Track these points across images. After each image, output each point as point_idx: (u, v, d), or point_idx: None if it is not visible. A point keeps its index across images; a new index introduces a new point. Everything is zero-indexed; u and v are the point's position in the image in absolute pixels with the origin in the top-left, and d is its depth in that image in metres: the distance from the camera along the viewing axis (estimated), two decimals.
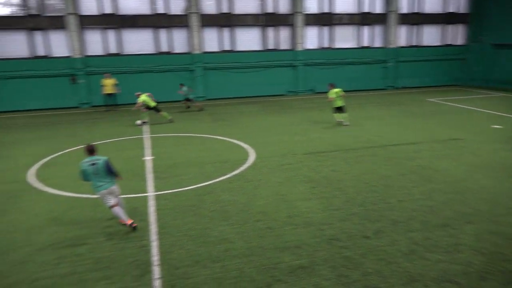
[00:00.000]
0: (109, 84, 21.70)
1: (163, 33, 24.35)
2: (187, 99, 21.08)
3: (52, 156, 12.66)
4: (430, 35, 29.10)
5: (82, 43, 23.06)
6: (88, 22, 22.99)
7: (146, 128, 16.62)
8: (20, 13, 22.13)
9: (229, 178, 10.10)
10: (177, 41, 24.69)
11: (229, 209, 8.18)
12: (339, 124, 16.23)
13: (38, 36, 22.54)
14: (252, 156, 11.97)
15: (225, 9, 24.96)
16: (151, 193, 9.24)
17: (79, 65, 22.94)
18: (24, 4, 22.07)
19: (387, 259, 6.18)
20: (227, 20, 25.09)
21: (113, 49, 23.76)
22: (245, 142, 13.64)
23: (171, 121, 17.68)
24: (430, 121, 16.51)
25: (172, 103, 23.18)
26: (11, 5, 22.04)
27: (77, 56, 22.87)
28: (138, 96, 17.61)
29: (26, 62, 22.33)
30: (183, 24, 24.42)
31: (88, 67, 23.18)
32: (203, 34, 24.87)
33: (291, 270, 5.96)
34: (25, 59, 22.41)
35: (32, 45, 22.51)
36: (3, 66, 21.96)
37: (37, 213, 8.35)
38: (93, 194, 7.71)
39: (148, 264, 6.27)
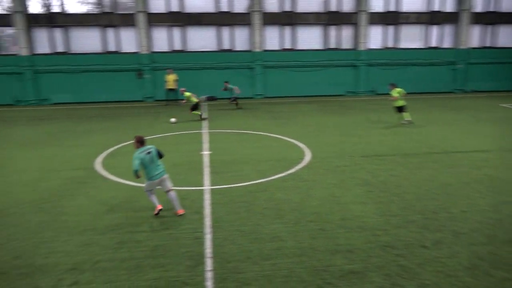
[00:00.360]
0: (171, 79, 22.59)
1: (225, 31, 24.84)
2: (235, 98, 20.96)
3: (117, 147, 13.40)
4: (507, 36, 27.06)
5: (149, 39, 24.16)
6: (156, 19, 24.03)
7: (204, 124, 17.06)
8: (95, 11, 23.63)
9: (283, 176, 10.09)
10: (238, 39, 25.08)
11: (282, 208, 8.18)
12: (403, 124, 15.93)
13: (110, 33, 23.94)
14: (308, 156, 11.87)
15: (287, 8, 24.94)
16: (207, 187, 9.47)
17: (145, 60, 24.07)
18: (99, 2, 23.54)
19: (446, 271, 5.85)
20: (289, 19, 25.05)
21: (177, 46, 24.64)
22: (302, 142, 13.55)
23: (202, 119, 17.79)
24: (501, 128, 15.38)
25: (226, 100, 23.66)
26: (88, 3, 23.61)
27: (144, 52, 24.01)
28: (183, 92, 18.17)
29: (98, 57, 23.82)
30: (245, 22, 24.74)
31: (154, 63, 24.25)
32: (265, 32, 25.03)
33: (342, 274, 5.84)
34: (97, 53, 23.91)
35: (104, 41, 23.96)
36: (79, 60, 23.60)
37: (101, 199, 8.88)
38: (147, 181, 7.94)
39: (201, 255, 6.43)
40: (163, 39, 24.48)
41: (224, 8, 24.48)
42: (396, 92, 16.00)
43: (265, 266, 6.08)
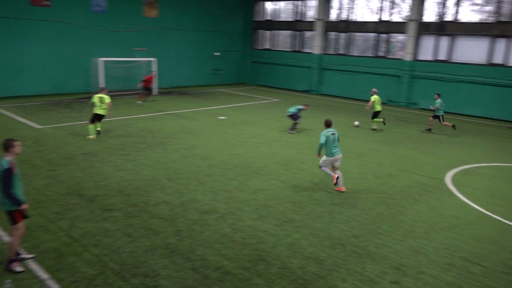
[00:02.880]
0: None
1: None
2: (436, 116, 16.88)
3: (474, 165, 12.45)
4: None
5: None
6: None
7: None
8: (488, 19, 22.21)
9: None
10: None
11: None
12: None
13: (500, 44, 21.95)
14: None
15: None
16: None
17: None
18: (496, 11, 21.95)
19: None
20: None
21: None
22: None
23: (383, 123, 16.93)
24: None
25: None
26: (482, 12, 22.48)
27: None
28: (373, 94, 17.05)
29: (483, 68, 22.39)
30: None
31: None
32: None
33: None
34: (481, 65, 22.52)
35: (490, 52, 22.28)
36: (458, 69, 23.11)
37: (442, 213, 8.58)
38: (327, 156, 9.56)
39: None
40: None
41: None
42: None
43: None
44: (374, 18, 26.48)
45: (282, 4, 31.60)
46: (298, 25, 30.20)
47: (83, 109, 18.34)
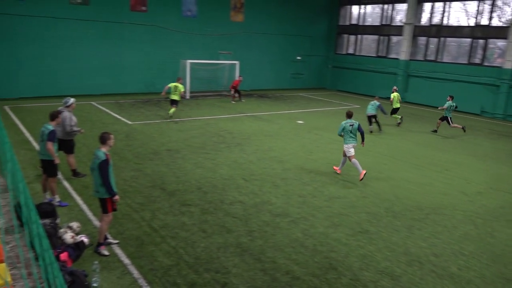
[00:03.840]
0: None
1: None
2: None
3: None
4: None
5: None
6: None
7: None
8: None
9: None
10: None
11: None
12: None
13: None
14: None
15: None
16: None
17: None
18: None
19: None
20: None
21: None
22: None
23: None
24: None
25: None
26: None
27: None
28: (393, 91, 17.99)
29: None
30: None
31: None
32: None
33: None
34: None
35: None
36: None
37: None
38: (345, 143, 10.60)
39: None
40: None
41: None
42: None
43: None
44: (471, 22, 24.60)
45: (369, 8, 30.71)
46: (385, 29, 29.11)
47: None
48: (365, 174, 10.14)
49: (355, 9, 31.28)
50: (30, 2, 19.49)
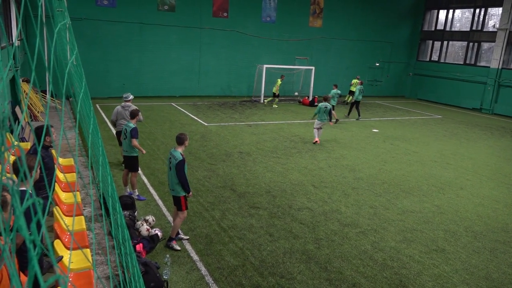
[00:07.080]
0: None
1: None
2: None
3: None
4: None
5: None
6: None
7: None
8: None
9: None
10: None
11: None
12: None
13: None
14: None
15: None
16: None
17: None
18: None
19: None
20: None
21: None
22: None
23: None
24: None
25: None
26: None
27: None
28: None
29: None
30: None
31: None
32: None
33: None
34: None
35: None
36: None
37: None
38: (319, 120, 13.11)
39: None
40: None
41: None
42: None
43: None
44: None
45: (458, 12, 28.79)
46: (474, 35, 27.10)
47: (244, 111, 19.91)
48: (316, 142, 14.09)
49: (442, 13, 29.52)
50: (121, 9, 21.13)
